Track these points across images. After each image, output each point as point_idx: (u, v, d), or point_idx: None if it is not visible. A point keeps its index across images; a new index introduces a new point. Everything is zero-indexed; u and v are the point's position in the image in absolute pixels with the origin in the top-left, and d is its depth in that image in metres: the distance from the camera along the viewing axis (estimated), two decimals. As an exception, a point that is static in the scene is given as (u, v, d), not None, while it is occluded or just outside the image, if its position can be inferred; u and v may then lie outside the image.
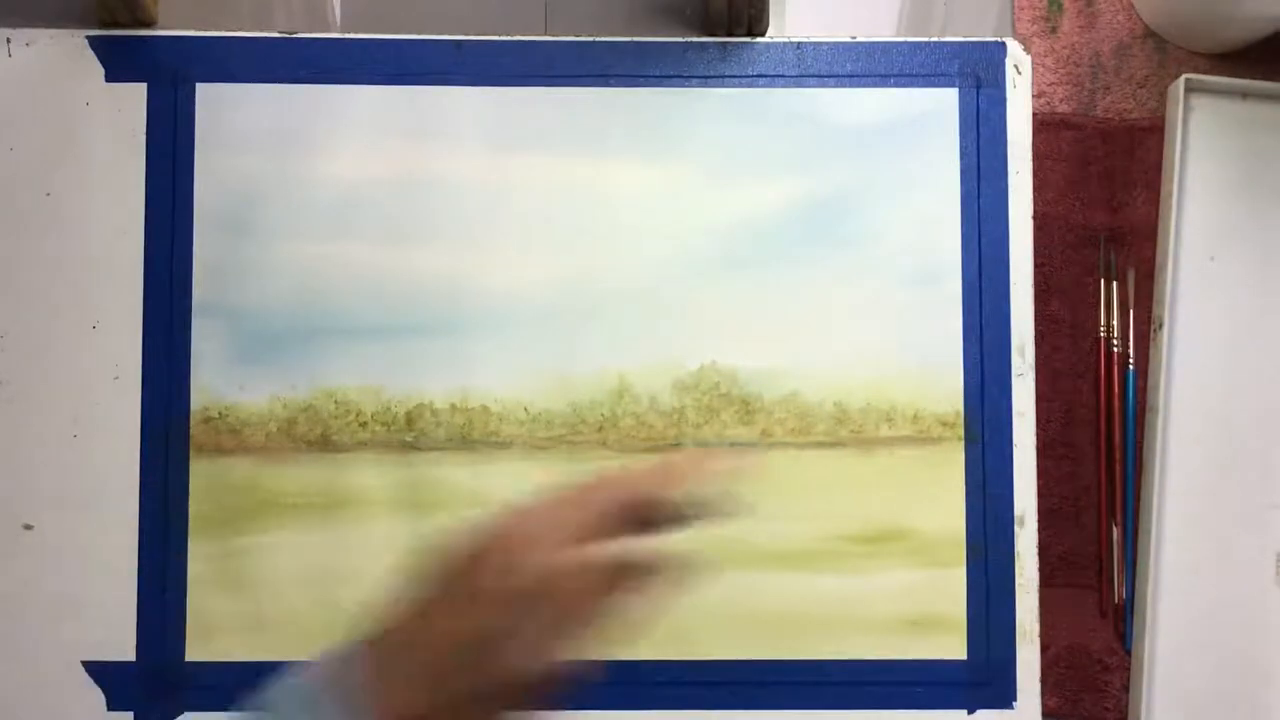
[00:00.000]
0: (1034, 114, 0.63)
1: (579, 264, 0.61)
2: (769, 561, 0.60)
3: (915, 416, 0.61)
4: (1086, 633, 0.63)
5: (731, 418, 0.61)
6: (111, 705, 0.59)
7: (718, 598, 0.58)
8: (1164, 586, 0.62)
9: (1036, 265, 0.63)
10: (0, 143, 0.60)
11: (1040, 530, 0.61)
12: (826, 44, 0.62)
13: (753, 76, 0.62)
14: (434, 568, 0.37)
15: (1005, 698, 0.60)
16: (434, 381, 0.61)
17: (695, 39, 0.62)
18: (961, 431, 0.60)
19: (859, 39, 0.62)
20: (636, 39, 0.62)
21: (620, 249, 0.61)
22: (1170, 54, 0.66)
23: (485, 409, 0.60)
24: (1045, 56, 0.66)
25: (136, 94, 0.61)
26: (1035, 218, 0.62)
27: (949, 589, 0.60)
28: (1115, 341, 0.64)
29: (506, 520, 0.37)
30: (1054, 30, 0.66)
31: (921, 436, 0.60)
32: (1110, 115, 0.66)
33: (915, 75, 0.62)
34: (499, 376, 0.61)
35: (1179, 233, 0.63)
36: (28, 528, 0.60)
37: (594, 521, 0.36)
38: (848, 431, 0.61)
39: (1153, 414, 0.62)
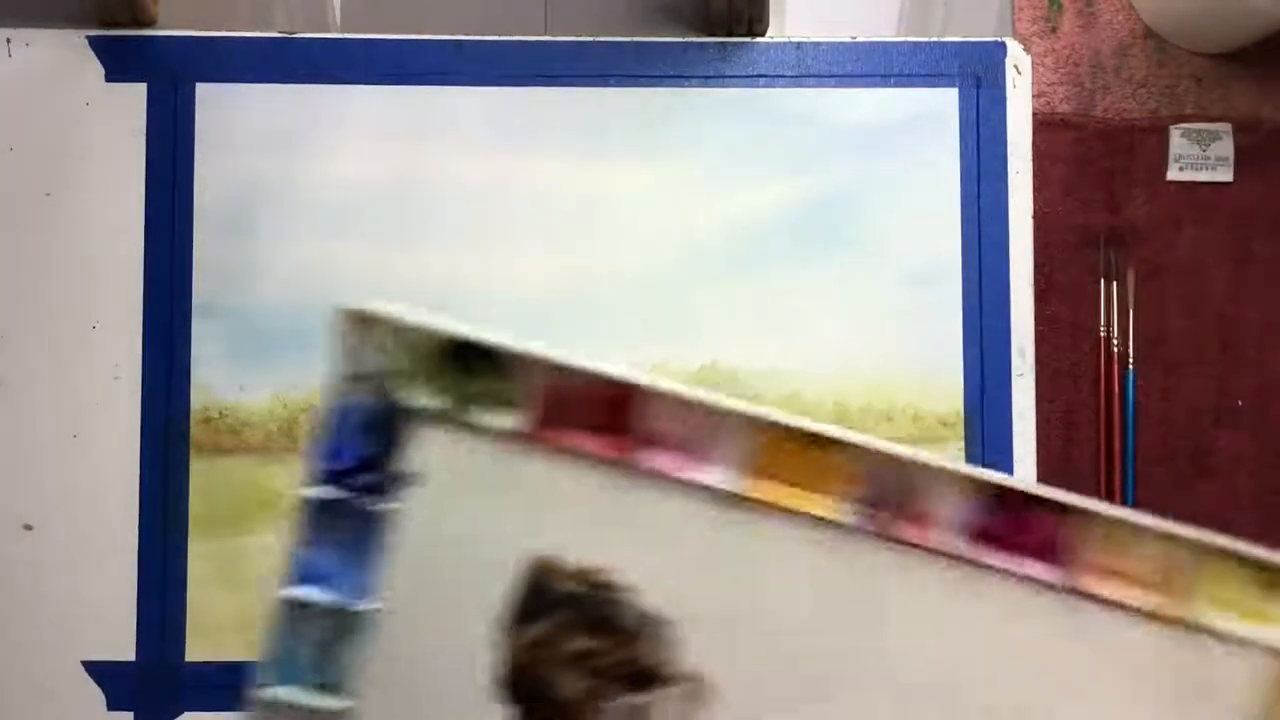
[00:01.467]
0: (1034, 114, 0.63)
1: (579, 264, 0.61)
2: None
3: (915, 416, 0.61)
4: (1086, 633, 0.63)
5: (731, 418, 0.61)
6: (111, 705, 0.59)
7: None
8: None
9: (1036, 265, 0.63)
10: (0, 143, 0.60)
11: (1040, 530, 0.61)
12: (826, 44, 0.62)
13: (753, 76, 0.62)
14: None
15: (1005, 698, 0.60)
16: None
17: (695, 39, 0.62)
18: (961, 431, 0.60)
19: (859, 39, 0.62)
20: (636, 39, 0.62)
21: (620, 249, 0.61)
22: (1170, 54, 0.66)
23: (485, 409, 0.60)
24: (1045, 56, 0.66)
25: (136, 94, 0.61)
26: (1035, 218, 0.62)
27: (949, 589, 0.60)
28: (1115, 341, 0.64)
29: None
30: (1054, 30, 0.66)
31: (921, 436, 0.60)
32: (1110, 115, 0.66)
33: (915, 75, 0.62)
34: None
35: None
36: (28, 528, 0.60)
37: None
38: (848, 431, 0.60)
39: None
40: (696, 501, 0.48)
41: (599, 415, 0.48)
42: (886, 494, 0.46)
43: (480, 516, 0.49)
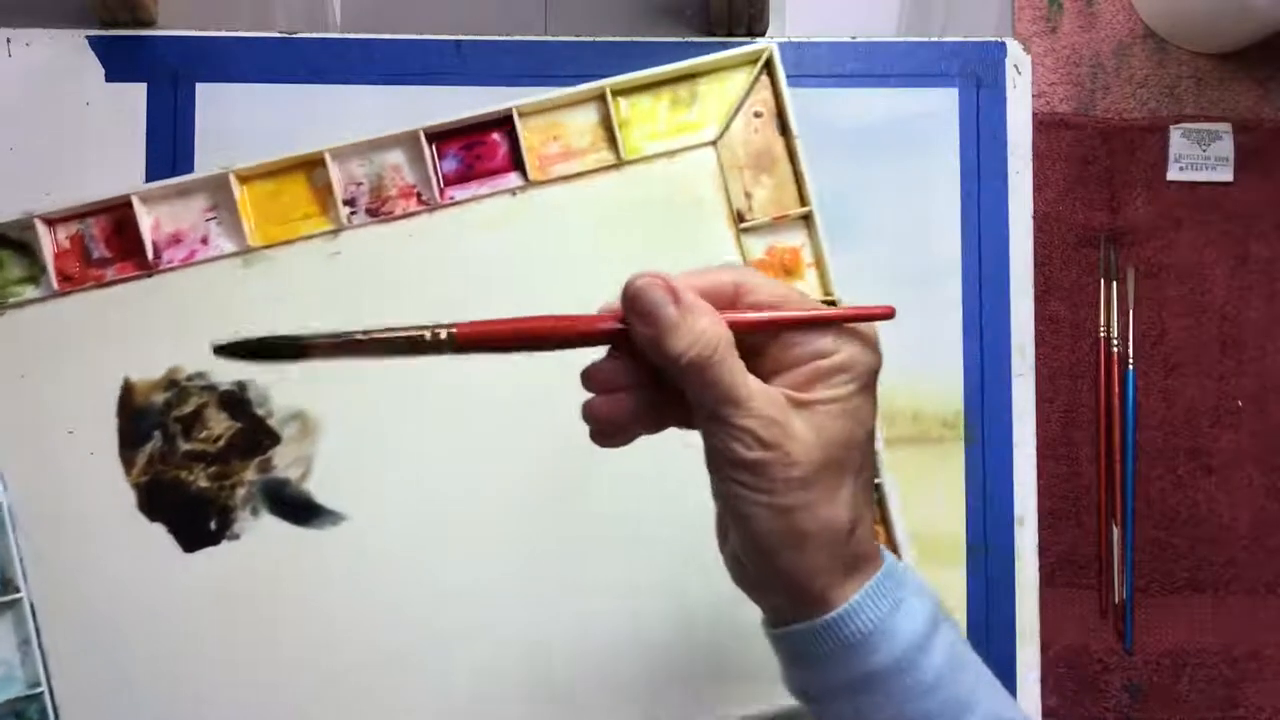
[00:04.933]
0: (1034, 114, 0.63)
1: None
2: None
3: (915, 417, 0.61)
4: (1086, 633, 0.63)
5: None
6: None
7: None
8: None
9: (1036, 265, 0.63)
10: (0, 143, 0.60)
11: (1040, 530, 0.61)
12: (826, 44, 0.62)
13: (753, 76, 0.62)
14: None
15: (1005, 698, 0.60)
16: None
17: (695, 39, 0.62)
18: (961, 432, 0.60)
19: (859, 39, 0.62)
20: (636, 39, 0.62)
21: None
22: (1170, 54, 0.66)
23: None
24: (1045, 56, 0.66)
25: (136, 94, 0.61)
26: (1035, 218, 0.62)
27: (949, 589, 0.60)
28: (1115, 341, 0.64)
29: None
30: (1054, 30, 0.66)
31: (921, 437, 0.60)
32: (1110, 115, 0.66)
33: (915, 75, 0.62)
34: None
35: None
36: (28, 528, 0.60)
37: None
38: (847, 431, 0.61)
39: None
40: (222, 272, 0.55)
41: (113, 244, 0.55)
42: (365, 185, 0.55)
43: (56, 379, 0.55)
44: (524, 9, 0.63)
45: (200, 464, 0.54)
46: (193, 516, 0.54)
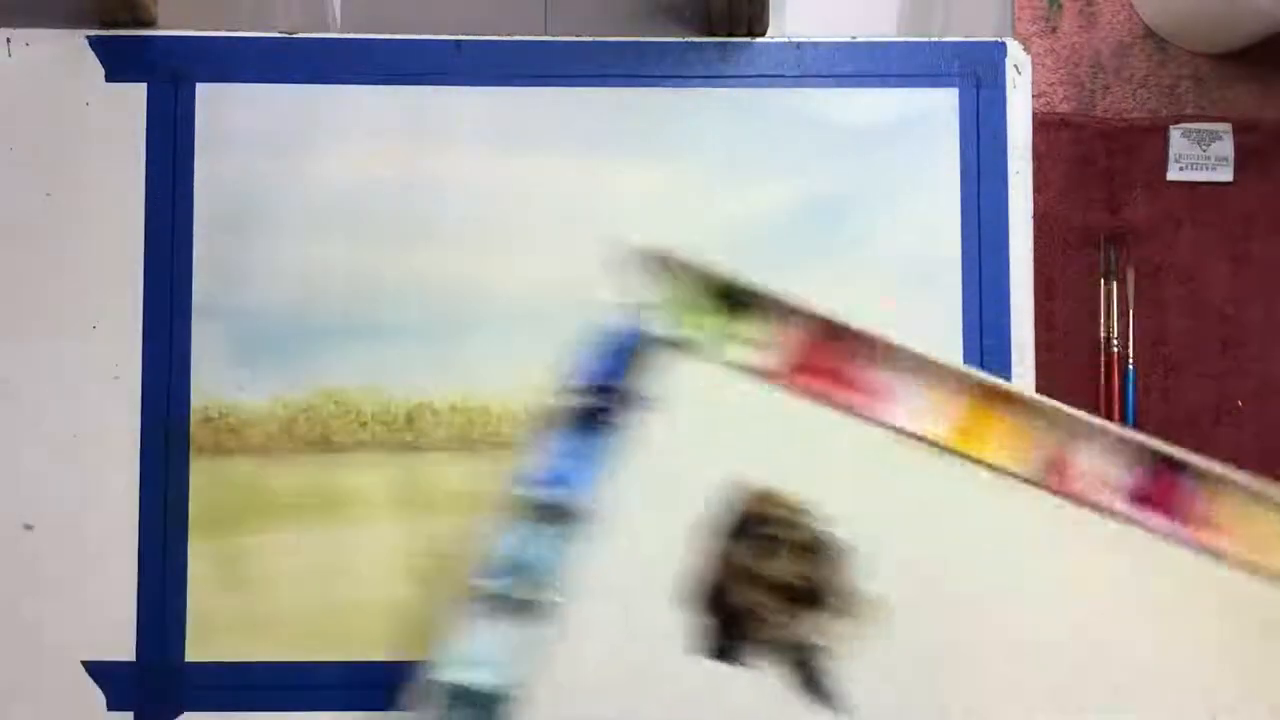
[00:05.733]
0: (1034, 114, 0.63)
1: (578, 264, 0.61)
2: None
3: (916, 417, 0.60)
4: (1086, 633, 0.63)
5: (732, 418, 0.61)
6: (111, 705, 0.59)
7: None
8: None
9: (1036, 265, 0.63)
10: (0, 143, 0.60)
11: (1040, 530, 0.61)
12: (826, 44, 0.62)
13: (753, 76, 0.62)
14: None
15: (1005, 698, 0.60)
16: (434, 381, 0.61)
17: (695, 39, 0.62)
18: (962, 432, 0.60)
19: (859, 39, 0.62)
20: (636, 39, 0.62)
21: (620, 250, 0.61)
22: (1170, 54, 0.66)
23: (485, 409, 0.60)
24: (1045, 56, 0.66)
25: (136, 94, 0.61)
26: (1035, 218, 0.62)
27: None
28: (1115, 341, 0.64)
29: None
30: (1054, 30, 0.66)
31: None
32: (1110, 115, 0.66)
33: (915, 75, 0.62)
34: (499, 377, 0.61)
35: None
36: (28, 528, 0.60)
37: None
38: (848, 431, 0.61)
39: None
40: (904, 448, 0.54)
41: (838, 362, 0.54)
42: (1059, 451, 0.53)
43: (704, 440, 0.54)
44: (524, 9, 0.63)
45: (763, 588, 0.53)
46: (736, 629, 0.53)
